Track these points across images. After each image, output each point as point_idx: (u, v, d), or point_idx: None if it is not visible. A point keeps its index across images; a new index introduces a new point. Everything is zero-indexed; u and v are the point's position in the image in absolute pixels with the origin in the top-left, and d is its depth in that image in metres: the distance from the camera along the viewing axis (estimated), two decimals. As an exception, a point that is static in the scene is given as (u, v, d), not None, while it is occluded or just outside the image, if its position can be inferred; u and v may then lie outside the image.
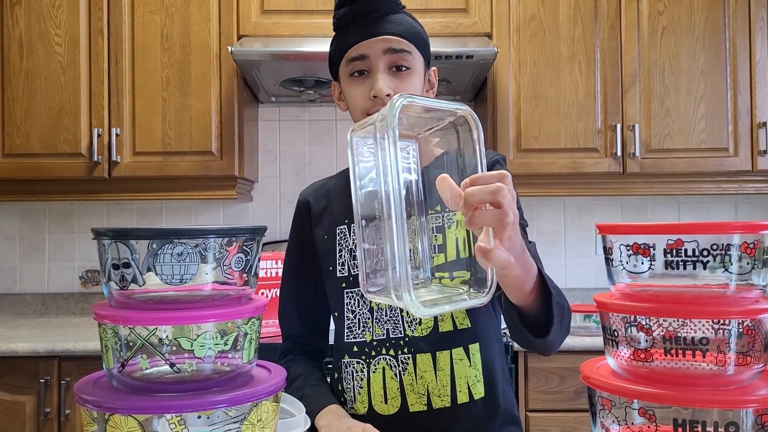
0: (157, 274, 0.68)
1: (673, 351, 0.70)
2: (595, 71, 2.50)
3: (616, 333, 0.75)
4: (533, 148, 2.52)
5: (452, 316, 1.18)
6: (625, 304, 0.73)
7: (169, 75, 2.50)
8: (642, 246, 0.73)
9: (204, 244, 0.70)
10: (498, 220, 0.70)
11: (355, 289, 1.22)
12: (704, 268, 0.70)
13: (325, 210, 1.30)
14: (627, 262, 0.75)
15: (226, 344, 0.72)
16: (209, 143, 2.50)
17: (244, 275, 0.75)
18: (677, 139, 2.50)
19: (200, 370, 0.71)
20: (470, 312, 1.18)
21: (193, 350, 0.69)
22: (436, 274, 0.80)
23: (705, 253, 0.69)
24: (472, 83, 2.60)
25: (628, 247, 0.74)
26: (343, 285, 1.23)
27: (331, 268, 1.25)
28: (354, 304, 1.22)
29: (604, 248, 0.79)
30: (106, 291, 0.73)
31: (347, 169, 1.33)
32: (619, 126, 2.47)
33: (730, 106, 2.49)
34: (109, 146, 2.48)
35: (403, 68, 1.18)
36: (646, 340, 0.72)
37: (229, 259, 0.72)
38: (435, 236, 1.22)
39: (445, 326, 1.18)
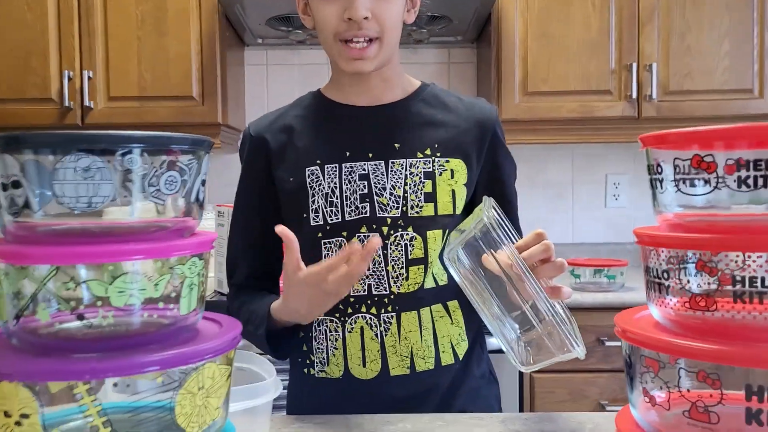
0: (56, 197, 0.51)
1: (746, 297, 0.53)
2: (609, 5, 2.29)
3: (666, 275, 0.58)
4: (541, 91, 2.33)
5: (432, 272, 1.06)
6: (683, 236, 0.56)
7: (143, 12, 2.29)
8: (704, 160, 0.55)
9: (120, 156, 0.52)
10: (559, 270, 0.87)
11: (334, 239, 1.06)
12: (790, 186, 0.52)
13: (287, 147, 1.11)
14: (683, 183, 0.57)
15: (156, 290, 0.55)
16: (189, 87, 2.31)
17: (182, 202, 0.58)
18: (698, 80, 2.30)
19: (120, 324, 0.54)
20: (446, 267, 1.07)
21: (108, 297, 0.52)
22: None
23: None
24: (475, 20, 2.39)
25: (685, 163, 0.56)
26: (320, 235, 1.07)
27: (305, 215, 1.08)
28: (331, 255, 1.06)
29: (650, 168, 0.62)
30: (-1, 222, 0.56)
31: (306, 97, 1.19)
32: (634, 65, 2.27)
33: (756, 43, 2.29)
34: (81, 91, 2.29)
35: None
36: (709, 283, 0.55)
37: (157, 179, 0.54)
38: (423, 183, 1.05)
39: (429, 282, 1.07)
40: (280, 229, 0.89)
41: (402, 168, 1.06)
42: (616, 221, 2.72)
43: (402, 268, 1.05)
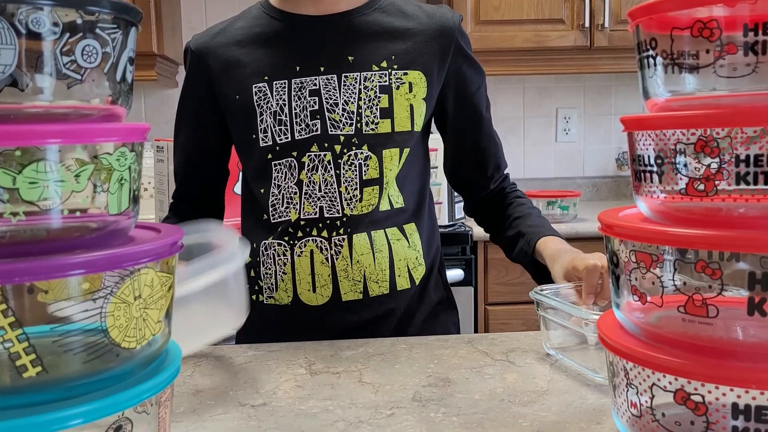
0: (-57, 64, 0.41)
1: (750, 179, 0.48)
2: (563, -72, 2.21)
3: (659, 160, 0.52)
4: (493, 19, 2.25)
5: (388, 194, 1.00)
6: (686, 114, 0.50)
7: (65, -71, 2.09)
8: (707, 26, 0.49)
9: (22, 14, 0.42)
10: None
11: (283, 160, 0.99)
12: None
13: (231, 63, 1.03)
14: (680, 57, 0.51)
15: (77, 182, 0.46)
16: (120, 14, 2.13)
17: (106, 82, 0.49)
18: (650, 8, 2.26)
19: (37, 228, 0.45)
20: (402, 190, 1.03)
21: (18, 189, 0.43)
22: None
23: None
24: (425, -56, 2.28)
25: (685, 32, 0.50)
26: (269, 156, 1.00)
27: (254, 136, 1.00)
28: (281, 177, 1.00)
29: (639, 46, 0.56)
30: None
31: (252, 8, 1.08)
32: (587, -7, 2.22)
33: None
34: None
35: None
36: (710, 166, 0.49)
37: (72, 48, 0.45)
38: (378, 97, 0.98)
39: (384, 204, 1.01)
40: None
41: (356, 82, 0.98)
42: (567, 156, 2.71)
43: (356, 189, 0.98)
